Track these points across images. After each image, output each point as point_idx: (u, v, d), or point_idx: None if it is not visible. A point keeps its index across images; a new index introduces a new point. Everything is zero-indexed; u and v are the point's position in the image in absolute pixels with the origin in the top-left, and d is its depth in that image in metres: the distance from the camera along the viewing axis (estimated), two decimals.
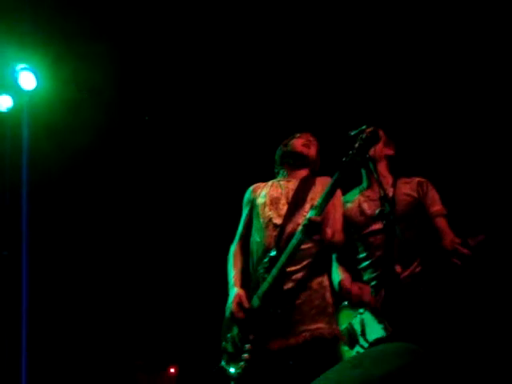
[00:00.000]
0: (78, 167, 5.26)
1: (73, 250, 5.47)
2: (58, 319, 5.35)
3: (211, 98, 5.04)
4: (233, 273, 3.06)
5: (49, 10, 4.75)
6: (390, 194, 3.13)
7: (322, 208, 2.78)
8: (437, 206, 3.09)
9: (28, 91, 4.99)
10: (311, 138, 3.18)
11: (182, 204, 5.55)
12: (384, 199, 2.70)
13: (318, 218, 2.74)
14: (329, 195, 2.80)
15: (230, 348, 2.93)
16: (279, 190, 3.08)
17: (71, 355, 5.35)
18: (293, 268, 2.84)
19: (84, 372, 5.38)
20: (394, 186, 3.19)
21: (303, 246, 2.81)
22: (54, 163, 5.14)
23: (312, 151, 3.15)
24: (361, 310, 3.09)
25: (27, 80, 4.94)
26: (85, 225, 5.49)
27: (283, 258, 2.79)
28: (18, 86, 4.95)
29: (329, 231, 2.88)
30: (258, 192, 3.16)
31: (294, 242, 2.77)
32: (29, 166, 5.00)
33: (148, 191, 5.58)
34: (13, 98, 5.01)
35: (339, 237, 2.96)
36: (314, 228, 2.73)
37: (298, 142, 3.15)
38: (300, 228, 2.78)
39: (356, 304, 3.11)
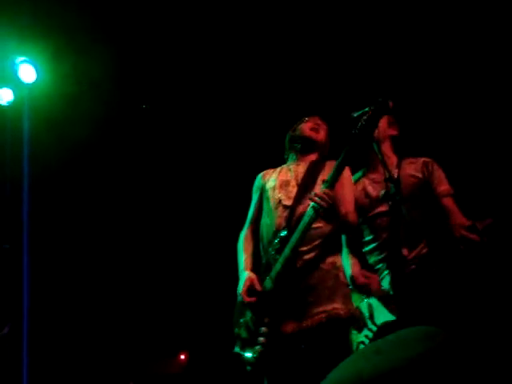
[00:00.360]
0: (78, 159, 5.26)
1: (75, 241, 5.46)
2: (60, 311, 5.32)
3: (215, 86, 5.02)
4: (243, 257, 3.04)
5: (48, 3, 4.75)
6: (395, 174, 3.09)
7: (332, 182, 2.75)
8: (443, 186, 3.08)
9: (28, 84, 4.97)
10: (319, 122, 3.14)
11: (188, 193, 5.53)
12: (389, 181, 2.72)
13: (330, 193, 2.71)
14: (339, 169, 2.77)
15: (243, 333, 2.90)
16: (289, 174, 3.06)
17: (75, 346, 5.32)
18: (304, 248, 2.82)
19: (89, 362, 5.35)
20: (398, 166, 3.16)
21: (314, 225, 2.78)
22: (54, 156, 5.13)
23: (321, 135, 3.12)
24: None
25: (27, 73, 4.92)
26: (86, 216, 5.48)
27: (295, 236, 2.76)
28: (18, 79, 4.93)
29: (342, 209, 2.85)
30: (267, 177, 3.14)
31: (305, 219, 2.74)
32: (30, 158, 4.98)
33: (150, 181, 5.57)
34: (13, 90, 5.00)
35: (353, 217, 2.94)
36: (325, 203, 2.68)
37: (307, 127, 3.12)
38: (311, 204, 2.74)
39: (365, 293, 3.13)
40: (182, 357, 5.69)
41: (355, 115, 2.78)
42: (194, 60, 4.99)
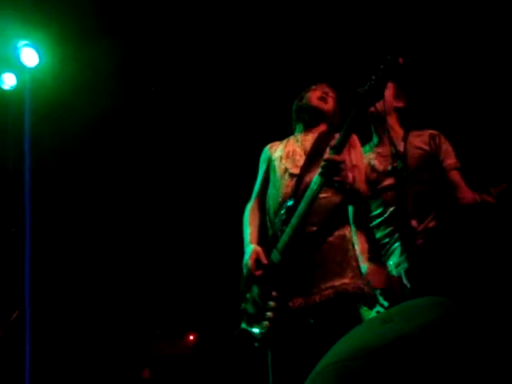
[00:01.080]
0: (80, 144, 5.23)
1: (77, 223, 5.45)
2: (64, 294, 5.31)
3: (221, 55, 4.92)
4: (249, 230, 2.92)
5: None
6: (401, 147, 3.08)
7: (340, 148, 2.57)
8: (450, 159, 3.09)
9: (30, 68, 4.94)
10: (327, 90, 2.97)
11: (194, 171, 5.49)
12: (396, 156, 2.69)
13: (338, 157, 2.54)
14: (347, 131, 2.59)
15: (250, 308, 2.79)
16: (296, 144, 2.93)
17: (84, 328, 5.30)
18: (312, 219, 2.65)
19: (100, 344, 5.32)
20: (404, 139, 3.15)
21: (322, 195, 2.64)
22: (56, 140, 5.10)
23: (329, 105, 2.95)
24: None
25: (29, 57, 4.90)
26: (88, 200, 5.46)
27: (303, 205, 2.61)
28: (21, 63, 4.90)
29: (350, 175, 2.65)
30: (274, 149, 3.02)
31: (312, 187, 2.58)
32: (32, 142, 4.97)
33: (154, 158, 5.54)
34: (15, 75, 4.97)
35: (363, 187, 2.80)
36: (333, 168, 2.53)
37: (314, 96, 2.94)
38: (319, 171, 2.57)
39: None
40: (191, 337, 5.63)
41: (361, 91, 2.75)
42: (198, 35, 4.89)
